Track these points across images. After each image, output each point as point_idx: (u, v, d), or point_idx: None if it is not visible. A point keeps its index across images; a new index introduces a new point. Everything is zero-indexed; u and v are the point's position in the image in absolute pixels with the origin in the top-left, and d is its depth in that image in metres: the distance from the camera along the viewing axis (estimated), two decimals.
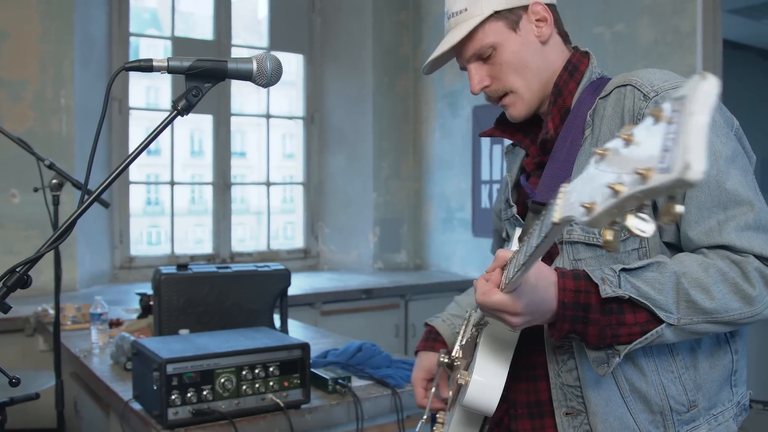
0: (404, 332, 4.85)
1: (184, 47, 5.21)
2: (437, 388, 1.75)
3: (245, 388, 2.04)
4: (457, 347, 1.68)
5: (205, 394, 1.98)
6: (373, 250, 5.60)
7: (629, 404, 1.33)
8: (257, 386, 2.06)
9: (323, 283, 5.03)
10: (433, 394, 1.75)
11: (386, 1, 5.61)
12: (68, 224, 1.22)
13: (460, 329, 1.75)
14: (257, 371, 2.06)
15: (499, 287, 1.21)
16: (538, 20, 1.47)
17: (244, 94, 5.86)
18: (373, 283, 4.95)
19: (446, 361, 1.69)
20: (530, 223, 1.45)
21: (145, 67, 1.28)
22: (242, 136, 7.63)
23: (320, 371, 2.34)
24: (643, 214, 0.74)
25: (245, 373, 2.04)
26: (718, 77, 0.67)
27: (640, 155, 0.72)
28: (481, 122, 5.10)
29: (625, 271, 1.24)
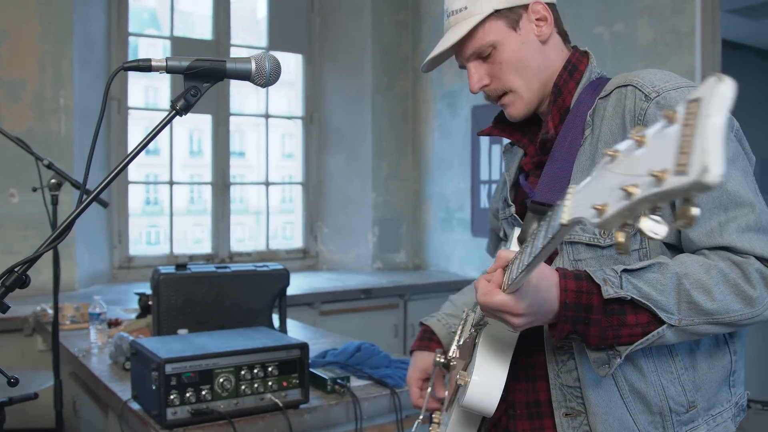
0: (403, 332, 4.84)
1: (183, 47, 5.20)
2: (433, 388, 1.75)
3: (244, 388, 2.04)
4: (454, 347, 1.68)
5: (203, 394, 1.98)
6: (372, 250, 5.60)
7: (629, 405, 1.33)
8: (256, 386, 2.05)
9: (322, 283, 5.03)
10: (429, 394, 1.75)
11: (385, 1, 5.61)
12: (67, 224, 1.22)
13: (455, 329, 1.74)
14: (256, 371, 2.06)
15: (501, 288, 1.20)
16: (538, 19, 1.46)
17: (243, 94, 5.86)
18: (372, 283, 4.95)
19: (442, 361, 1.69)
20: (529, 222, 1.44)
21: (143, 66, 1.28)
22: (241, 136, 7.62)
23: (319, 371, 2.34)
24: (656, 216, 0.73)
25: (244, 373, 2.04)
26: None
27: (653, 157, 0.71)
28: (480, 122, 5.10)
29: (626, 271, 1.24)
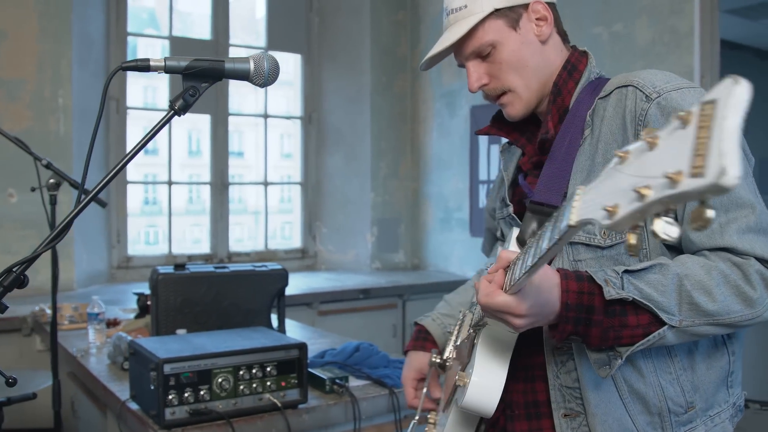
0: (402, 332, 4.84)
1: (181, 47, 5.20)
2: (428, 388, 1.74)
3: (242, 388, 2.04)
4: (450, 347, 1.67)
5: (202, 394, 1.98)
6: (370, 250, 5.60)
7: (628, 406, 1.33)
8: (254, 386, 2.05)
9: (321, 282, 5.03)
10: (424, 394, 1.74)
11: (384, 1, 5.61)
12: (65, 224, 1.21)
13: (451, 329, 1.73)
14: (254, 371, 2.05)
15: (502, 289, 1.20)
16: (538, 19, 1.46)
17: (242, 93, 5.86)
18: (370, 282, 4.95)
19: (438, 361, 1.68)
20: (528, 223, 1.44)
21: (142, 66, 1.28)
22: (240, 135, 7.62)
23: (318, 371, 2.34)
24: (669, 218, 0.73)
25: (242, 373, 2.04)
26: (715, 77, 0.66)
27: (667, 159, 0.71)
28: (479, 122, 5.10)
29: (627, 272, 1.23)
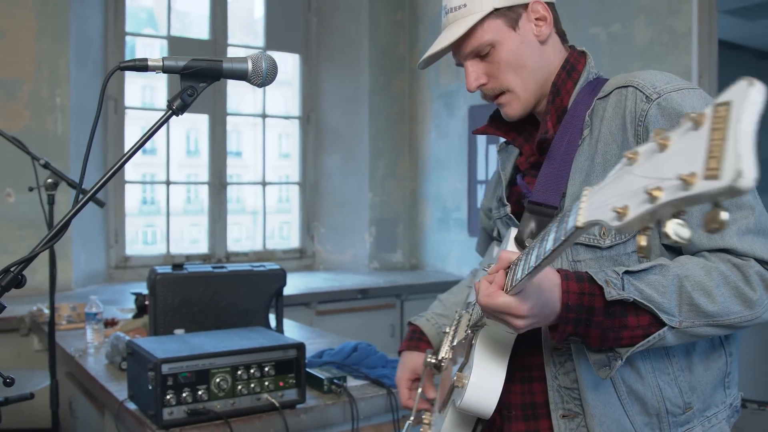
0: (400, 332, 4.84)
1: (180, 47, 5.20)
2: (423, 388, 1.74)
3: (240, 387, 2.04)
4: (446, 348, 1.67)
5: (200, 393, 1.98)
6: (368, 250, 5.59)
7: (626, 406, 1.33)
8: (252, 386, 2.05)
9: (319, 282, 5.02)
10: (419, 394, 1.74)
11: (382, 1, 5.61)
12: (63, 223, 1.21)
13: (446, 329, 1.73)
14: (252, 371, 2.05)
15: (503, 289, 1.19)
16: (537, 19, 1.45)
17: (240, 93, 5.85)
18: (368, 282, 4.95)
19: (433, 361, 1.68)
20: (526, 223, 1.44)
21: (140, 66, 1.28)
22: (238, 135, 7.61)
23: (316, 371, 2.34)
24: (680, 219, 0.72)
25: (240, 372, 2.04)
26: (713, 78, 0.66)
27: (679, 160, 0.70)
28: (477, 122, 5.10)
29: (628, 273, 1.23)
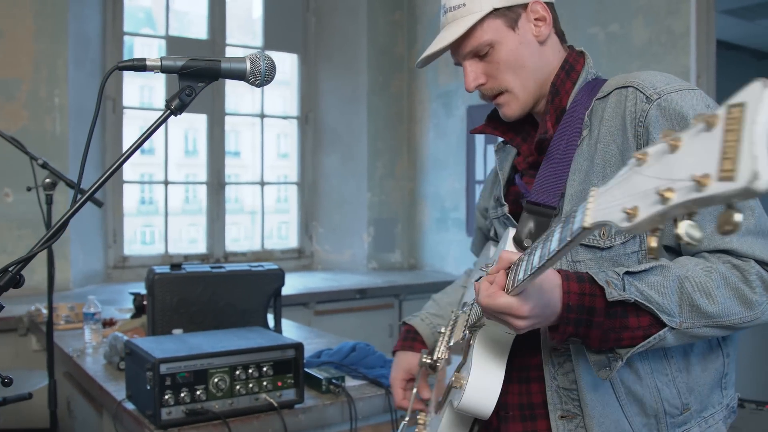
0: (398, 332, 4.84)
1: (178, 46, 5.19)
2: (418, 389, 1.73)
3: (239, 387, 2.03)
4: (443, 348, 1.66)
5: (198, 394, 1.97)
6: (367, 249, 5.59)
7: (625, 407, 1.33)
8: (251, 386, 2.05)
9: (317, 282, 5.02)
10: (414, 395, 1.73)
11: (381, 1, 5.61)
12: (61, 223, 1.21)
13: (441, 329, 1.73)
14: (251, 371, 2.05)
15: (504, 290, 1.19)
16: (537, 19, 1.45)
17: (238, 93, 5.85)
18: (367, 282, 4.95)
19: (428, 361, 1.68)
20: (525, 223, 1.44)
21: (138, 66, 1.28)
22: (236, 135, 7.62)
23: (314, 371, 2.34)
24: (692, 221, 0.72)
25: (239, 372, 2.04)
26: (711, 78, 0.65)
27: (691, 161, 0.69)
28: (475, 122, 5.10)
29: (628, 274, 1.23)
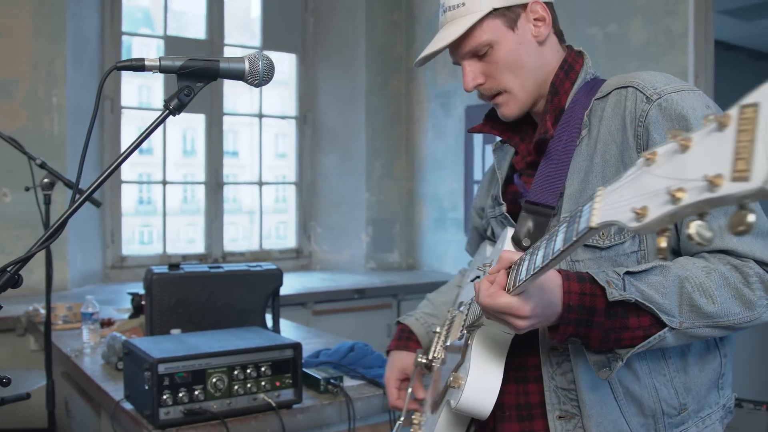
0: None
1: (176, 46, 5.19)
2: (413, 388, 1.73)
3: (237, 387, 2.03)
4: (439, 348, 1.66)
5: (196, 393, 1.97)
6: (365, 249, 5.59)
7: (623, 408, 1.33)
8: (249, 386, 2.05)
9: (315, 282, 5.02)
10: (409, 395, 1.73)
11: (379, 1, 5.61)
12: (60, 223, 1.21)
13: (436, 328, 1.73)
14: (249, 371, 2.05)
15: (505, 289, 1.19)
16: (536, 19, 1.45)
17: (236, 93, 5.85)
18: (365, 282, 4.95)
19: (424, 361, 1.67)
20: (523, 222, 1.43)
21: (137, 66, 1.28)
22: (235, 135, 7.61)
23: (312, 371, 2.34)
24: (702, 221, 0.71)
25: (237, 372, 2.04)
26: (709, 78, 0.65)
27: (703, 161, 0.69)
28: (473, 122, 5.09)
29: (629, 274, 1.23)
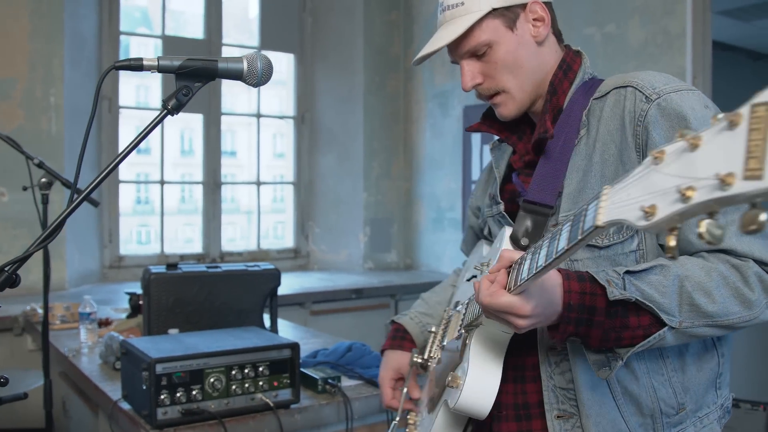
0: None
1: (174, 46, 5.19)
2: (409, 388, 1.73)
3: (235, 387, 2.03)
4: (435, 347, 1.66)
5: (194, 393, 1.97)
6: (363, 249, 5.59)
7: (621, 407, 1.33)
8: (247, 386, 2.05)
9: (313, 282, 5.02)
10: (405, 395, 1.73)
11: (377, 1, 5.61)
12: (57, 223, 1.21)
13: (432, 328, 1.72)
14: (247, 371, 2.05)
15: (505, 288, 1.19)
16: (535, 20, 1.45)
17: (234, 93, 5.84)
18: (363, 282, 4.95)
19: (420, 361, 1.67)
20: (522, 221, 1.43)
21: (135, 66, 1.28)
22: (232, 135, 7.60)
23: (310, 371, 2.34)
24: (714, 220, 0.71)
25: (235, 372, 2.04)
26: (707, 78, 0.65)
27: (714, 160, 0.69)
28: (471, 122, 5.06)
29: (629, 273, 1.23)
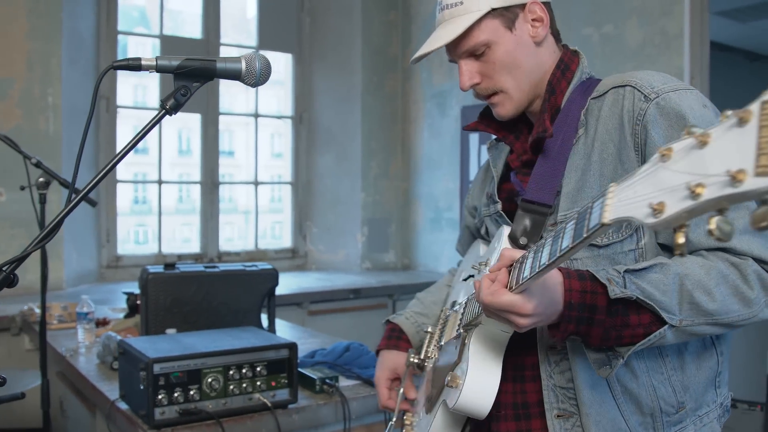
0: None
1: (172, 46, 5.18)
2: (405, 388, 1.73)
3: (232, 387, 2.03)
4: (432, 347, 1.66)
5: (192, 393, 1.97)
6: (361, 249, 5.59)
7: (621, 406, 1.33)
8: (244, 386, 2.05)
9: (311, 282, 5.02)
10: (401, 395, 1.73)
11: (375, 1, 5.61)
12: (55, 223, 1.21)
13: (428, 328, 1.72)
14: (244, 371, 2.05)
15: (507, 287, 1.19)
16: (534, 20, 1.45)
17: (232, 93, 5.84)
18: (360, 282, 4.95)
19: (416, 361, 1.67)
20: (520, 221, 1.43)
21: (133, 65, 1.28)
22: (230, 135, 7.60)
23: (308, 371, 2.34)
24: (723, 216, 0.71)
25: (232, 372, 2.03)
26: (705, 79, 0.65)
27: (724, 157, 0.68)
28: (469, 122, 5.09)
29: (629, 272, 1.23)
